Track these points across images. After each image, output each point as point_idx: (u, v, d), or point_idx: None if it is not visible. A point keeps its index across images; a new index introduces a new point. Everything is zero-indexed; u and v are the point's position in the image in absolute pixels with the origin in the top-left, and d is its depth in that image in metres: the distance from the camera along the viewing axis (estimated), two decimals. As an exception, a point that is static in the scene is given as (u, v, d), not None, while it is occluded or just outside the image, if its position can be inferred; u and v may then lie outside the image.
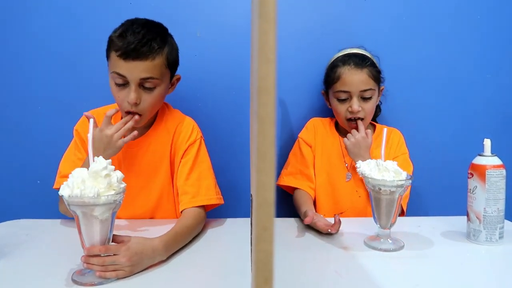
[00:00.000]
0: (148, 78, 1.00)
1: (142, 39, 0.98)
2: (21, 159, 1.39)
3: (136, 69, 0.98)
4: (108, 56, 1.04)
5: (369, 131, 1.21)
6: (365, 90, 1.21)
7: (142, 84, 1.01)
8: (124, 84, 1.01)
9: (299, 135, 1.35)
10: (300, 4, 1.41)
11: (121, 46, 0.97)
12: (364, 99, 1.23)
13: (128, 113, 1.03)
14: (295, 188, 1.29)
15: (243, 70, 1.38)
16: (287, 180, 1.30)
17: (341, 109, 1.25)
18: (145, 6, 1.36)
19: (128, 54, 0.97)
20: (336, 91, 1.24)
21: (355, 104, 1.21)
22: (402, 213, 1.23)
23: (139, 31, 0.99)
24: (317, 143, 1.32)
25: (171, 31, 1.10)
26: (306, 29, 1.42)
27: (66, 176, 1.02)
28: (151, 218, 1.16)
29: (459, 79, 1.46)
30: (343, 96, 1.23)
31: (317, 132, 1.34)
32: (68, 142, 1.13)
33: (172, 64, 1.10)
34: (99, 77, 1.29)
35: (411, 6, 1.43)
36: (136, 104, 1.01)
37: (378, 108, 1.39)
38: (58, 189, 1.02)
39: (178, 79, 1.16)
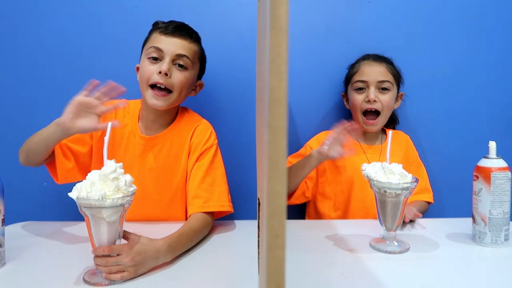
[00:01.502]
0: (183, 56, 1.08)
1: (184, 25, 1.13)
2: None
3: (174, 44, 1.07)
4: (146, 40, 1.13)
5: None
6: (382, 81, 1.24)
7: (175, 62, 1.08)
8: (158, 59, 1.07)
9: (307, 142, 1.33)
10: (304, 9, 1.41)
11: (165, 25, 1.10)
12: (382, 91, 1.24)
13: (154, 87, 1.05)
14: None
15: (248, 72, 1.39)
16: None
17: (358, 100, 1.26)
18: (150, 9, 1.37)
19: (170, 30, 1.08)
20: (354, 82, 1.27)
21: (372, 93, 1.23)
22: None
23: (182, 22, 1.13)
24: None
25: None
26: (310, 34, 1.42)
27: None
28: (161, 218, 1.15)
29: (464, 81, 1.46)
30: (360, 85, 1.25)
31: None
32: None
33: (202, 61, 1.18)
34: (105, 78, 1.30)
35: (415, 8, 1.44)
36: (166, 75, 1.05)
37: (394, 119, 1.39)
38: None
39: (201, 86, 1.21)
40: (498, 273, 0.82)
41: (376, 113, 1.25)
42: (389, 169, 0.92)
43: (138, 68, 1.15)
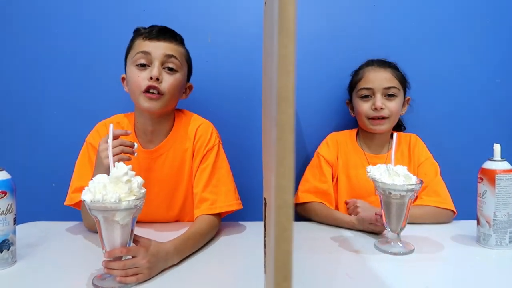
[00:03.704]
0: (171, 57, 1.06)
1: (167, 28, 1.10)
2: (37, 163, 1.42)
3: (161, 47, 1.05)
4: (129, 48, 1.09)
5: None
6: (388, 88, 1.20)
7: (164, 65, 1.05)
8: (146, 65, 1.04)
9: (319, 151, 1.30)
10: (309, 13, 1.43)
11: (147, 30, 1.08)
12: (388, 97, 1.21)
13: (147, 92, 1.02)
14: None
15: (254, 74, 1.40)
16: (305, 197, 1.24)
17: (364, 107, 1.22)
18: (158, 13, 1.39)
19: (154, 35, 1.06)
20: (359, 89, 1.24)
21: (378, 100, 1.19)
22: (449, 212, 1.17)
23: (164, 26, 1.10)
24: (341, 160, 1.29)
25: (183, 37, 1.14)
26: (316, 37, 1.43)
27: (79, 191, 1.05)
28: (174, 220, 1.16)
29: (469, 84, 1.47)
30: (366, 93, 1.22)
31: (340, 149, 1.30)
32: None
33: (189, 64, 1.15)
34: (113, 82, 1.32)
35: (420, 12, 1.45)
36: (158, 80, 1.03)
37: (399, 124, 1.35)
38: (70, 205, 1.05)
39: (191, 88, 1.18)
40: (502, 275, 0.83)
41: (383, 118, 1.22)
42: (394, 171, 0.93)
43: (123, 79, 1.13)
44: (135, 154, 0.94)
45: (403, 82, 1.25)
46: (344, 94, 1.39)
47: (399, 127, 1.36)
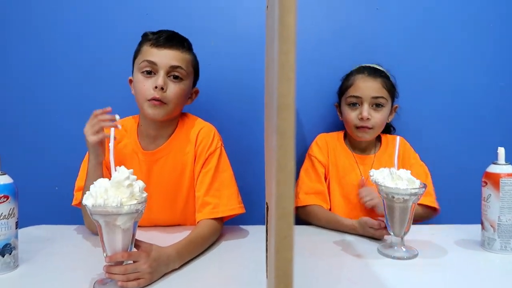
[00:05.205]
0: (177, 67, 1.06)
1: (174, 34, 1.10)
2: (39, 166, 1.42)
3: (167, 56, 1.05)
4: (137, 52, 1.09)
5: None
6: (376, 97, 1.22)
7: (170, 74, 1.06)
8: (152, 73, 1.05)
9: (310, 153, 1.32)
10: (311, 15, 1.43)
11: (155, 37, 1.07)
12: (376, 107, 1.23)
13: (152, 100, 1.03)
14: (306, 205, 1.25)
15: (257, 77, 1.40)
16: (306, 199, 1.24)
17: (351, 116, 1.25)
18: (161, 16, 1.40)
19: (161, 42, 1.06)
20: (347, 96, 1.26)
21: (365, 110, 1.21)
22: (434, 211, 1.19)
23: (172, 32, 1.11)
24: (331, 161, 1.30)
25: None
26: (317, 41, 1.43)
27: (80, 190, 1.05)
28: (176, 224, 1.16)
29: (473, 88, 1.46)
30: (354, 101, 1.24)
31: (329, 149, 1.32)
32: (86, 149, 1.15)
33: (196, 69, 1.15)
34: (117, 85, 1.33)
35: (423, 15, 1.44)
36: (162, 90, 1.03)
37: (390, 128, 1.37)
38: (77, 205, 1.06)
39: (197, 92, 1.19)
40: (507, 280, 0.82)
41: (368, 128, 1.24)
42: (397, 175, 0.93)
43: (131, 81, 1.14)
44: (119, 126, 0.96)
45: (392, 91, 1.27)
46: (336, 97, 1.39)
47: (388, 128, 1.37)
